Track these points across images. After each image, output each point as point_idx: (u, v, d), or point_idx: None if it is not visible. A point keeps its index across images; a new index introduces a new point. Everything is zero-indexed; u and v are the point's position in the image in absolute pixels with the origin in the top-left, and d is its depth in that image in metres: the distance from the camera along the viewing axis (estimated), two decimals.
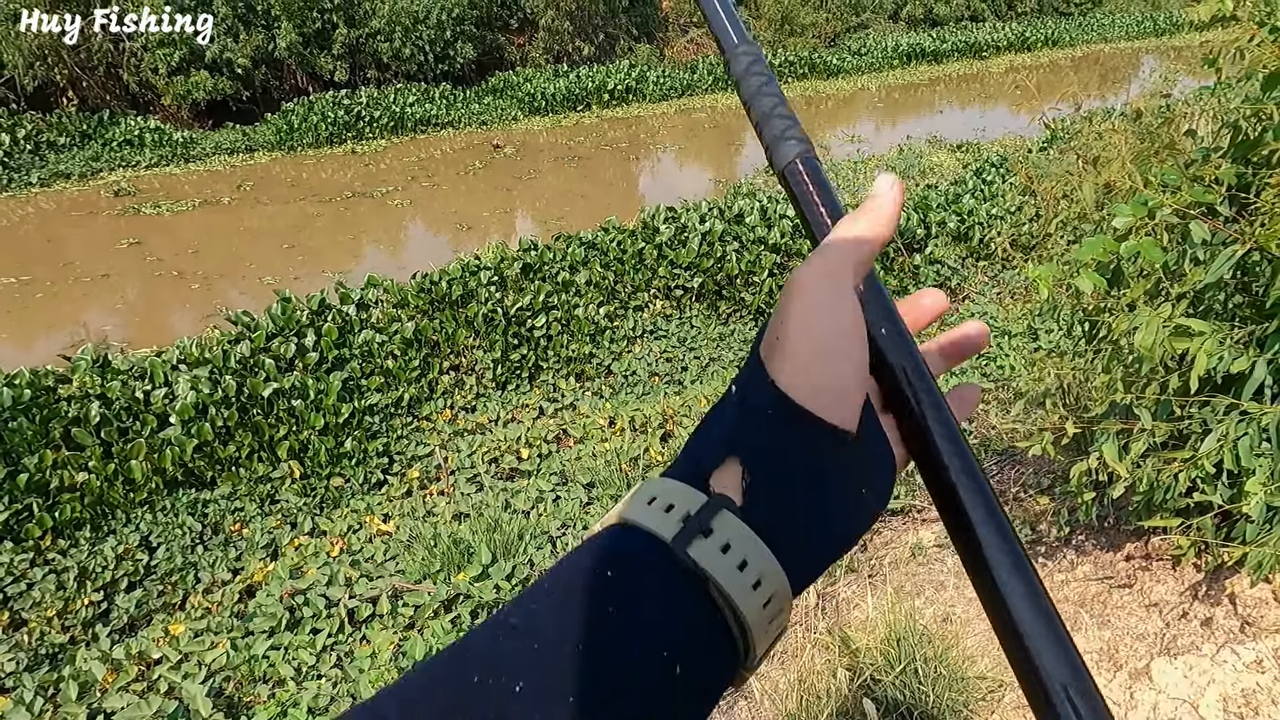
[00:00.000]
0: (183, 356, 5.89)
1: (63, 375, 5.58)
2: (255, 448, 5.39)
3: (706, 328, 7.12)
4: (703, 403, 5.66)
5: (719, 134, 18.49)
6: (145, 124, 15.55)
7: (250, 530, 4.82)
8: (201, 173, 14.45)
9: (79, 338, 8.49)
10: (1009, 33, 29.00)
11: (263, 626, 3.57)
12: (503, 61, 21.61)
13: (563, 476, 4.90)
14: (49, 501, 4.85)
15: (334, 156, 15.57)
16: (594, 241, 7.80)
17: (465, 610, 3.39)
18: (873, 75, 24.48)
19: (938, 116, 19.80)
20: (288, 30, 17.71)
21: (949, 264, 8.08)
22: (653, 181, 15.09)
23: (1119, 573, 2.30)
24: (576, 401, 6.14)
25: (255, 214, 12.47)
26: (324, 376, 5.86)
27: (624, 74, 20.59)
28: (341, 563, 4.10)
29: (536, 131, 17.69)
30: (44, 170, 13.67)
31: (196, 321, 8.66)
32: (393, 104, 17.23)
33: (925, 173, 13.56)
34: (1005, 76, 25.02)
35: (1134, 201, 1.85)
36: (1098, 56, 28.68)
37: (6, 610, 4.20)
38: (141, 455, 5.08)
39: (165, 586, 4.44)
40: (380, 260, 10.99)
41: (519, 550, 3.83)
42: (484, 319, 6.58)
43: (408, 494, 5.13)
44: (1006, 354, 5.85)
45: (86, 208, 12.62)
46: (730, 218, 8.31)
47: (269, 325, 6.22)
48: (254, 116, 17.41)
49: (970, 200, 9.21)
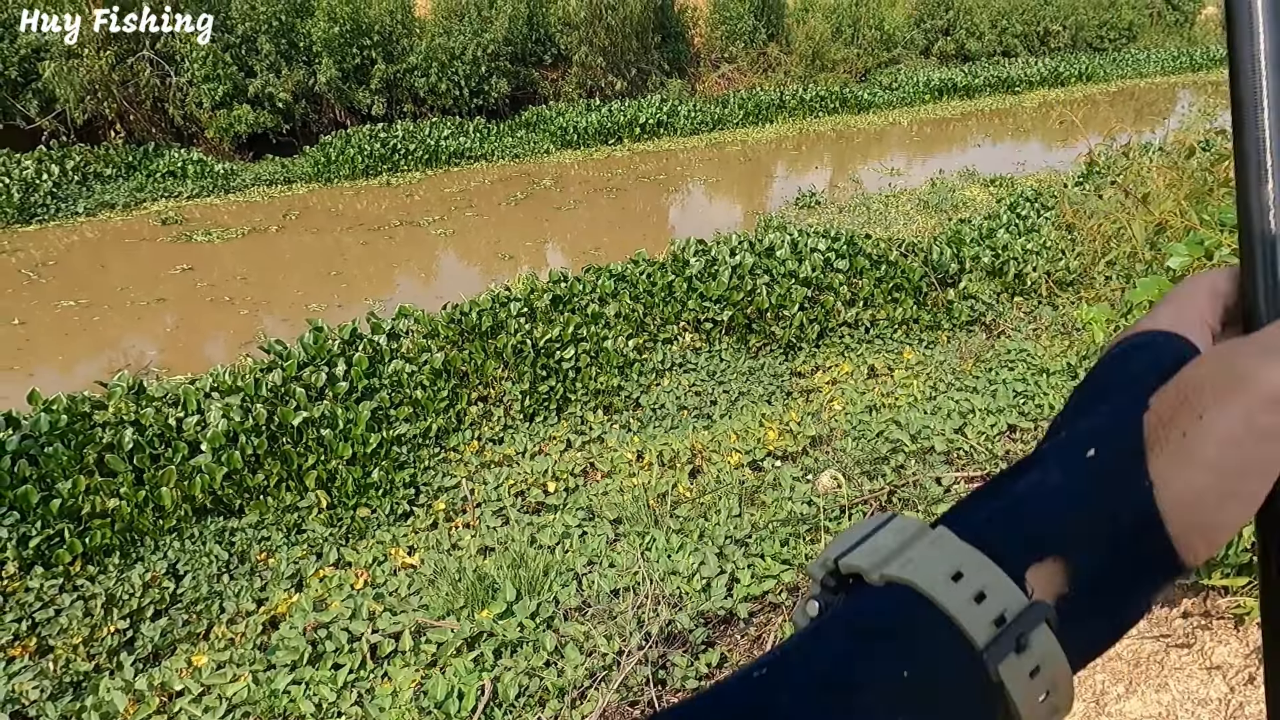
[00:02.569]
0: (215, 384, 5.95)
1: (98, 401, 5.66)
2: (283, 476, 5.40)
3: (736, 362, 7.06)
4: (733, 438, 5.58)
5: (750, 168, 18.54)
6: (188, 156, 15.95)
7: (276, 560, 4.80)
8: (241, 203, 14.77)
9: (123, 363, 8.68)
10: (1042, 68, 28.91)
11: (285, 660, 3.53)
12: (536, 96, 21.95)
13: (590, 511, 4.83)
14: (80, 527, 4.88)
15: (369, 188, 15.85)
16: (623, 274, 7.80)
17: (488, 648, 3.32)
18: (904, 110, 24.48)
19: (970, 151, 19.70)
20: (328, 66, 18.15)
21: (984, 299, 7.96)
22: (685, 214, 15.15)
23: (1176, 631, 2.18)
24: (604, 434, 6.09)
25: (301, 242, 12.76)
26: (353, 406, 5.88)
27: (655, 108, 20.79)
28: (366, 596, 4.05)
29: (568, 164, 17.88)
30: (90, 200, 14.05)
31: (240, 347, 8.83)
32: (427, 137, 17.53)
33: (958, 207, 13.44)
34: (1038, 111, 24.89)
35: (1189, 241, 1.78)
36: (1133, 91, 28.45)
37: (34, 636, 4.21)
38: (172, 482, 5.10)
39: (190, 616, 4.42)
40: (424, 287, 11.17)
41: (544, 587, 3.76)
42: (513, 350, 6.58)
43: (433, 526, 5.09)
44: (1045, 392, 5.71)
45: (138, 235, 12.98)
46: (761, 251, 8.27)
47: (301, 354, 6.27)
48: (293, 149, 17.79)
49: (1005, 235, 9.09)
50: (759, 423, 5.82)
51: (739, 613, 3.45)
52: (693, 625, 3.33)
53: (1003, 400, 5.61)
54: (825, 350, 7.33)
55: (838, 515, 4.07)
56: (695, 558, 3.79)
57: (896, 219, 13.03)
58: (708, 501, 4.62)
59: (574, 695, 3.03)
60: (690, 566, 3.73)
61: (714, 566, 3.72)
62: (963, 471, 4.57)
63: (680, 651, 3.22)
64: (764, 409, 6.16)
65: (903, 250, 8.42)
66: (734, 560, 3.79)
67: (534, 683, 3.11)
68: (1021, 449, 4.79)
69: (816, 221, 12.47)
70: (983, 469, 4.56)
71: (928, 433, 5.03)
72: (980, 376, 6.21)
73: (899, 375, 6.63)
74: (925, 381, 6.38)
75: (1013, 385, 5.85)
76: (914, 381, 6.39)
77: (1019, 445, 4.89)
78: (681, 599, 3.49)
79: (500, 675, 3.14)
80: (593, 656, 3.14)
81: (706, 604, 3.46)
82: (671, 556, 3.86)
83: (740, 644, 3.38)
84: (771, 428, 5.64)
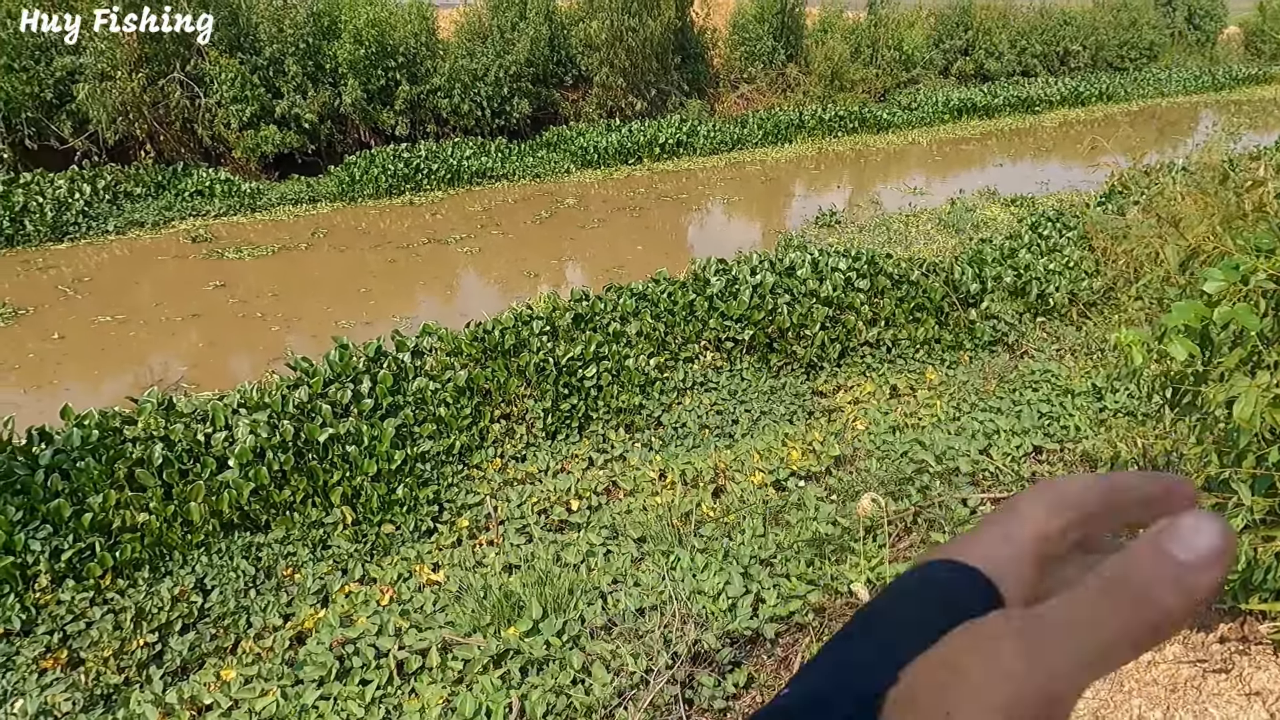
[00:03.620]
0: (243, 400, 6.03)
1: (129, 417, 5.75)
2: (309, 492, 5.46)
3: (757, 381, 7.06)
4: (756, 457, 5.58)
5: (770, 187, 18.61)
6: (216, 175, 16.23)
7: (302, 575, 4.84)
8: (267, 222, 15.00)
9: (156, 378, 8.84)
10: (1062, 87, 28.85)
11: (313, 675, 3.55)
12: (557, 116, 22.16)
13: (613, 530, 4.84)
14: (110, 541, 4.94)
15: (393, 207, 16.05)
16: (645, 293, 7.85)
17: (515, 666, 3.33)
18: (923, 129, 24.49)
19: (991, 170, 19.67)
20: (354, 87, 18.44)
21: (1006, 319, 7.93)
22: (706, 233, 15.22)
23: (1213, 656, 2.16)
24: (626, 453, 6.11)
25: (329, 260, 12.97)
26: (378, 423, 5.93)
27: (675, 128, 20.93)
28: (391, 612, 4.08)
29: (589, 184, 18.02)
30: (120, 218, 14.31)
31: (269, 363, 8.98)
32: (450, 157, 17.73)
33: (979, 227, 13.41)
34: (1059, 131, 24.81)
35: (1225, 266, 1.78)
36: (1154, 111, 28.32)
37: (65, 649, 4.26)
38: (200, 497, 5.17)
39: (218, 630, 4.47)
40: (450, 305, 11.32)
41: (570, 605, 3.77)
42: (535, 368, 6.62)
43: (457, 543, 5.12)
44: (1070, 414, 5.67)
45: (170, 252, 13.24)
46: (781, 270, 8.29)
47: (327, 371, 6.34)
48: (318, 169, 18.05)
49: (1027, 255, 9.06)
50: (782, 442, 5.82)
51: (765, 633, 3.45)
52: (719, 645, 3.33)
53: (1028, 421, 5.58)
54: (847, 370, 7.33)
55: (863, 536, 4.06)
56: (720, 577, 3.79)
57: (917, 238, 13.01)
58: (732, 521, 4.62)
59: (603, 714, 3.04)
60: (716, 586, 3.73)
61: (739, 586, 3.72)
62: (989, 493, 4.55)
63: (708, 671, 3.22)
64: (786, 428, 6.16)
65: (924, 270, 8.41)
66: (759, 580, 3.79)
67: (562, 701, 3.12)
68: (1048, 470, 4.76)
69: (836, 241, 12.48)
70: (1008, 490, 4.54)
71: (952, 453, 5.01)
72: (1004, 397, 6.18)
73: (922, 395, 6.61)
74: (948, 402, 6.36)
75: (1037, 406, 5.81)
76: (937, 402, 6.37)
77: (1045, 467, 4.86)
78: (708, 618, 3.49)
79: (528, 693, 3.15)
80: (620, 675, 3.15)
81: (733, 624, 3.46)
82: (697, 576, 3.86)
83: (767, 664, 3.38)
84: (794, 447, 5.64)
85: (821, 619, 3.57)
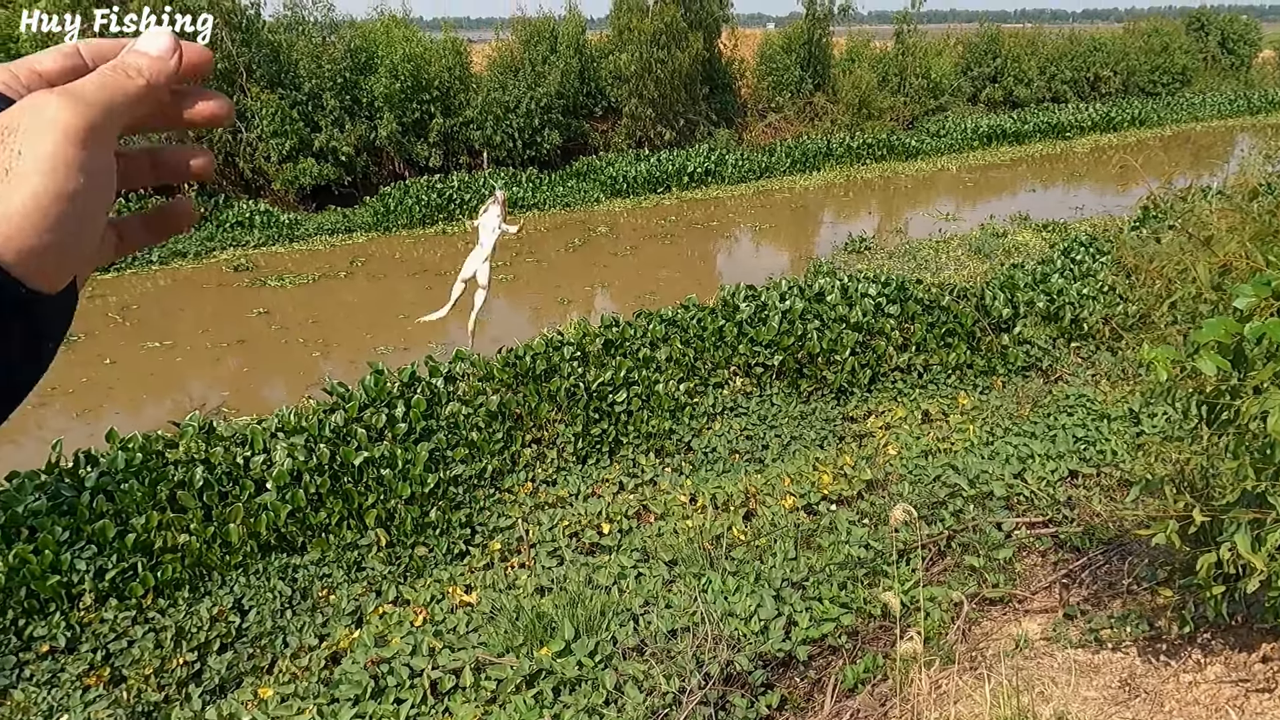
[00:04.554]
0: (281, 424, 6.15)
1: (171, 440, 5.89)
2: (344, 515, 5.54)
3: (787, 406, 7.05)
4: (786, 481, 5.57)
5: (798, 214, 18.67)
6: (256, 207, 16.68)
7: (337, 597, 4.90)
8: (305, 252, 15.36)
9: (199, 402, 9.07)
10: (1093, 113, 28.70)
11: (348, 694, 3.59)
12: (586, 146, 22.49)
13: (644, 553, 4.85)
14: (152, 561, 5.05)
15: (426, 236, 16.35)
16: (674, 318, 7.90)
17: (548, 686, 3.35)
18: (952, 156, 24.47)
19: (1021, 196, 19.56)
20: (389, 120, 18.91)
21: (1039, 344, 7.85)
22: (735, 260, 15.32)
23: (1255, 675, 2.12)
24: (656, 477, 6.12)
25: (368, 287, 13.32)
26: (412, 447, 6.02)
27: (703, 157, 21.14)
28: (425, 632, 4.12)
29: (618, 212, 18.22)
30: (163, 249, 14.73)
31: (308, 388, 9.19)
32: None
33: (1009, 252, 13.33)
34: (1090, 156, 24.64)
35: (1256, 281, 1.79)
36: (1188, 135, 28.03)
37: (108, 666, 4.35)
38: (239, 519, 5.27)
39: (255, 649, 4.53)
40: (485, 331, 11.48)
41: (602, 626, 3.78)
42: (566, 393, 6.68)
43: (489, 565, 5.15)
44: (1107, 438, 5.59)
45: (214, 281, 13.66)
46: (811, 296, 8.31)
47: (362, 396, 6.45)
48: (354, 200, 18.48)
49: (1059, 280, 8.99)
50: (813, 467, 5.80)
51: (798, 655, 3.43)
52: (751, 667, 3.32)
53: (1063, 445, 5.51)
54: (878, 395, 7.29)
55: (897, 560, 4.03)
56: (752, 600, 3.78)
57: (947, 264, 12.96)
58: (763, 544, 4.61)
59: None
60: (747, 609, 3.72)
61: (771, 609, 3.71)
62: (1024, 517, 4.50)
63: (740, 693, 3.21)
64: (817, 453, 6.14)
65: (955, 295, 8.37)
66: (791, 603, 3.77)
67: None
68: (1085, 495, 4.69)
69: (866, 267, 12.47)
70: (1044, 514, 4.48)
71: (986, 478, 4.96)
72: (1038, 421, 6.11)
73: (954, 420, 6.56)
74: (981, 426, 6.30)
75: (1073, 431, 5.74)
76: (970, 426, 6.31)
77: (1082, 491, 4.79)
78: (739, 640, 3.48)
79: (560, 713, 3.17)
80: (653, 695, 3.15)
81: (765, 646, 3.45)
82: (728, 598, 3.85)
83: (800, 686, 3.36)
84: (825, 471, 5.62)
85: (855, 641, 3.54)
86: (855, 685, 3.24)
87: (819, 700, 3.15)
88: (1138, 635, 2.82)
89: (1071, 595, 3.52)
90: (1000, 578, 3.82)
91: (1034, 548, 4.23)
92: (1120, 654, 2.78)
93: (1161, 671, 2.39)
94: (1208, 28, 37.04)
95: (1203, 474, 2.22)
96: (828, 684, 3.25)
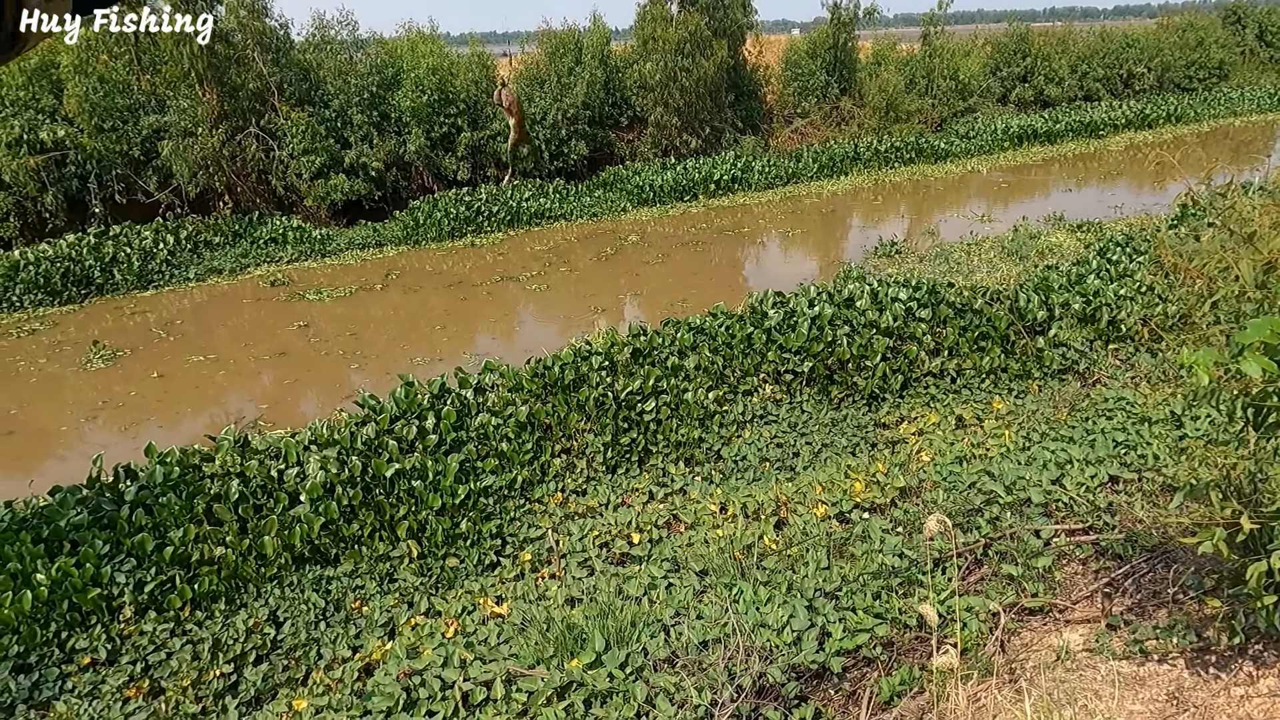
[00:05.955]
0: (314, 437, 6.22)
1: (207, 454, 5.98)
2: (376, 527, 5.58)
3: (818, 413, 6.98)
4: (818, 489, 5.51)
5: (826, 219, 18.54)
6: (289, 223, 16.96)
7: (370, 608, 4.93)
8: (336, 266, 15.57)
9: (236, 416, 9.25)
10: (1127, 110, 28.19)
11: (381, 706, 3.60)
12: (613, 156, 22.56)
13: (675, 563, 4.82)
14: (190, 574, 5.12)
15: (455, 249, 16.50)
16: (702, 326, 7.86)
17: (578, 698, 3.33)
18: (982, 157, 24.16)
19: (1055, 196, 19.25)
20: (417, 135, 19.14)
21: (1075, 346, 7.69)
22: (764, 266, 15.25)
23: None
24: (686, 486, 6.09)
25: (402, 300, 13.53)
26: (442, 458, 6.05)
27: (730, 164, 21.09)
28: (456, 644, 4.12)
29: (645, 221, 18.23)
30: (200, 266, 15.05)
31: (342, 400, 9.32)
32: (509, 199, 18.19)
33: (1043, 253, 13.11)
34: (1125, 154, 24.19)
35: None
36: (1227, 130, 27.41)
37: (147, 678, 4.41)
38: (274, 531, 5.33)
39: (290, 661, 4.57)
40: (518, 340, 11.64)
41: (632, 638, 3.76)
42: (595, 403, 6.67)
43: (520, 576, 5.15)
44: (1148, 442, 5.45)
45: (252, 296, 13.95)
46: (840, 301, 8.23)
47: (393, 408, 6.51)
48: (384, 214, 18.72)
49: (1095, 281, 8.81)
50: (844, 474, 5.73)
51: (832, 667, 3.37)
52: (784, 679, 3.27)
53: (1102, 450, 5.38)
54: (910, 400, 7.19)
55: (932, 569, 3.96)
56: (784, 610, 3.73)
57: (979, 267, 12.77)
58: (795, 554, 4.56)
59: None
60: (780, 619, 3.67)
61: (804, 619, 3.66)
62: (1063, 524, 4.39)
63: (773, 706, 3.16)
64: (849, 460, 6.06)
65: (988, 298, 8.24)
66: (824, 613, 3.72)
67: None
68: (1126, 500, 4.57)
69: (896, 271, 12.34)
70: (1084, 521, 4.37)
71: (1023, 484, 4.85)
72: (1076, 426, 5.98)
73: (989, 425, 6.44)
74: (1017, 431, 6.18)
75: (1112, 435, 5.61)
76: (1005, 431, 6.20)
77: (1123, 497, 4.67)
78: (772, 652, 3.43)
79: None
80: (684, 708, 3.11)
81: (798, 657, 3.39)
82: (760, 609, 3.81)
83: (834, 699, 3.30)
84: (858, 479, 5.54)
85: (890, 653, 3.48)
86: (891, 698, 3.18)
87: (854, 713, 3.09)
88: (1185, 646, 2.73)
89: (1114, 605, 3.43)
90: (1039, 587, 3.73)
91: (1074, 555, 4.13)
92: (1167, 666, 2.69)
93: (1211, 685, 2.30)
94: (1245, 20, 36.22)
95: (1250, 479, 2.13)
96: (862, 697, 3.19)
